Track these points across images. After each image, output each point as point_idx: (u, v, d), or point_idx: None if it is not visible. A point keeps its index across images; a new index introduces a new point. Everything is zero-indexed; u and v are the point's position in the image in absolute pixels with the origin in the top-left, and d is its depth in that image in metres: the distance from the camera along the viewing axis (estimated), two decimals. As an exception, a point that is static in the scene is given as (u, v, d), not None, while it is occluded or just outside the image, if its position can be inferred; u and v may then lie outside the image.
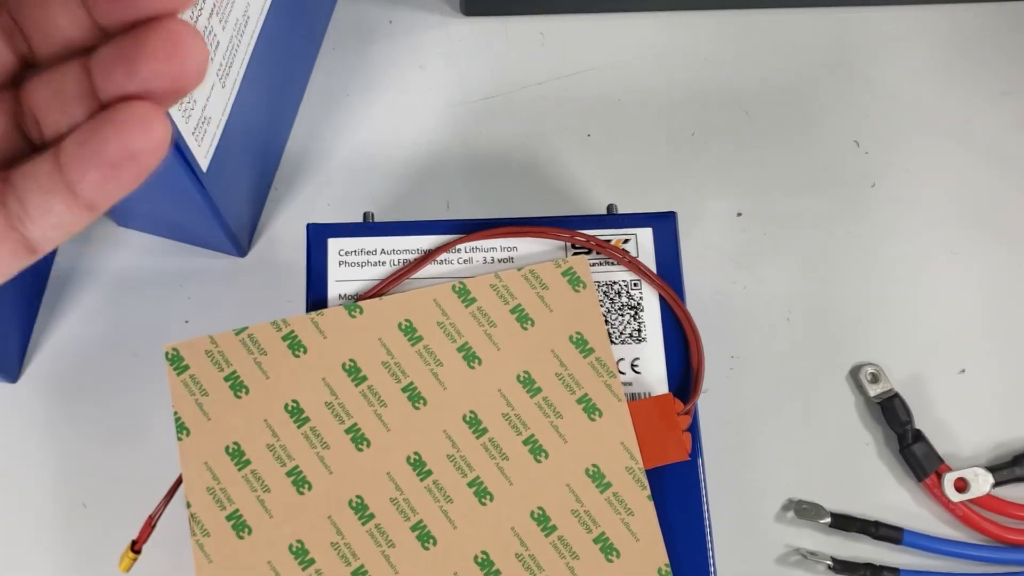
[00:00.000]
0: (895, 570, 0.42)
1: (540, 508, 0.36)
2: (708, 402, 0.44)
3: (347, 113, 0.51)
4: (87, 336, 0.46)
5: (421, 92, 0.51)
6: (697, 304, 0.41)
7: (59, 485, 0.44)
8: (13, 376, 0.45)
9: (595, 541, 0.36)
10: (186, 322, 0.46)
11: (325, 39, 0.52)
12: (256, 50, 0.40)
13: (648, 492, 0.36)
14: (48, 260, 0.47)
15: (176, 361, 0.38)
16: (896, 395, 0.45)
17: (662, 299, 0.39)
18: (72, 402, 0.45)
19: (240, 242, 0.46)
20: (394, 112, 0.51)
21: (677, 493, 0.37)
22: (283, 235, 0.48)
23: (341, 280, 0.40)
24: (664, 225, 0.40)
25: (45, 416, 0.45)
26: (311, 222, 0.40)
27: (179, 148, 0.35)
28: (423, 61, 0.52)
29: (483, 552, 0.36)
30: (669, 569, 0.36)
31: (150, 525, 0.38)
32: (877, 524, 0.43)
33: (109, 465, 0.44)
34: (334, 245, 0.40)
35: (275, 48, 0.43)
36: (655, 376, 0.39)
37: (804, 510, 0.44)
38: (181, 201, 0.40)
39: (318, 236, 0.40)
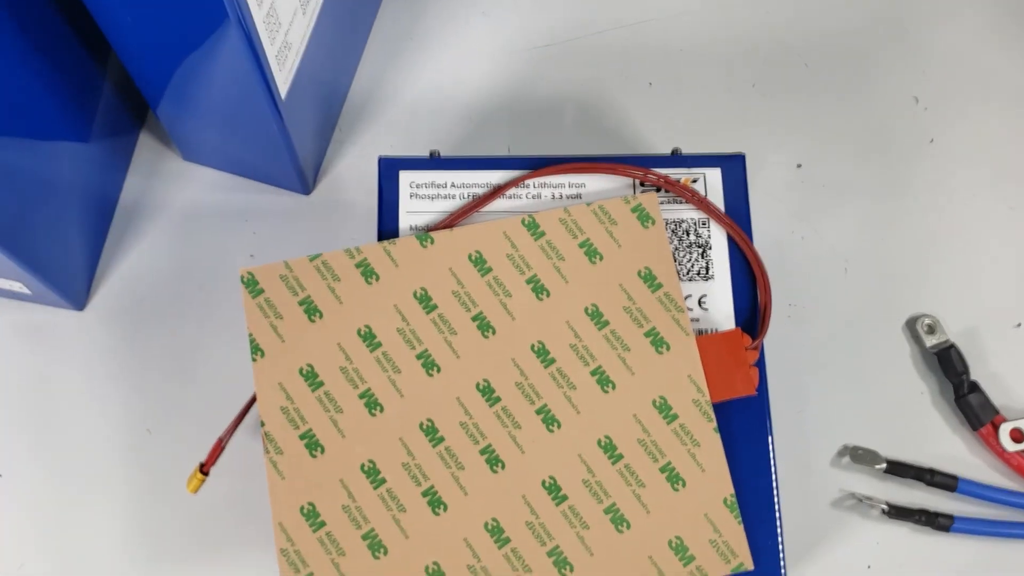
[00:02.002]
0: (950, 516, 0.43)
1: (607, 437, 0.37)
2: (766, 349, 0.44)
3: (410, 58, 0.51)
4: (152, 267, 0.47)
5: (483, 38, 0.52)
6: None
7: (124, 410, 0.45)
8: (80, 304, 0.46)
9: (661, 470, 0.36)
10: (251, 256, 0.47)
11: (389, -16, 0.53)
12: (332, -17, 0.41)
13: (715, 425, 0.37)
14: (114, 193, 0.48)
15: (251, 284, 0.38)
16: (952, 346, 0.45)
17: (730, 238, 0.40)
18: (137, 331, 0.46)
19: (306, 179, 0.47)
20: (456, 57, 0.51)
21: (743, 427, 0.37)
22: (346, 175, 0.49)
23: (412, 212, 0.40)
24: (732, 166, 0.41)
25: (110, 343, 0.46)
26: (383, 155, 0.41)
27: (263, 72, 0.36)
28: (486, 8, 0.52)
29: (551, 477, 0.36)
30: (735, 499, 0.36)
31: (220, 447, 0.39)
32: (932, 471, 0.44)
33: (172, 393, 0.45)
34: (405, 178, 0.41)
35: (347, -15, 0.44)
36: (722, 313, 0.39)
37: (860, 456, 0.44)
38: (257, 130, 0.41)
39: (390, 169, 0.41)
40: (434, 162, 0.41)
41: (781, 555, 0.36)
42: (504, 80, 0.51)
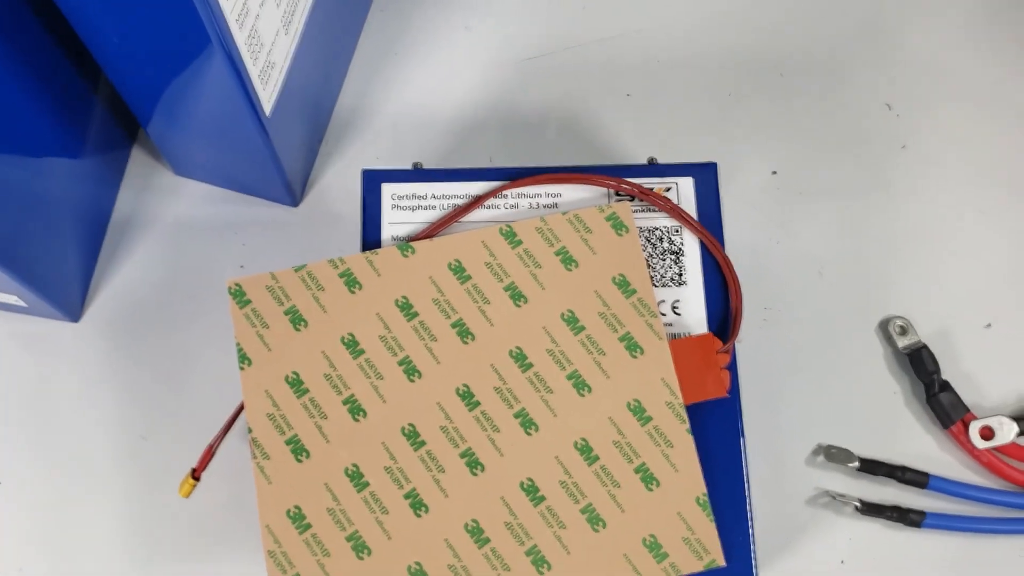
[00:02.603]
0: (921, 512, 0.44)
1: (583, 439, 0.38)
2: (741, 352, 0.45)
3: (395, 72, 0.53)
4: (145, 279, 0.48)
5: (466, 52, 0.53)
6: (732, 257, 0.43)
7: (119, 418, 0.46)
8: (75, 316, 0.48)
9: (636, 471, 0.38)
10: (241, 267, 0.48)
11: (374, 0, 0.54)
12: (316, 2, 0.42)
13: (687, 426, 0.38)
14: (108, 207, 0.50)
15: (239, 295, 0.39)
16: (924, 346, 0.47)
17: (702, 245, 0.41)
18: (131, 341, 0.48)
19: (294, 191, 0.48)
20: (440, 71, 0.53)
21: (716, 429, 0.39)
22: (333, 187, 0.50)
23: (394, 223, 0.41)
24: (705, 175, 0.42)
25: (105, 353, 0.47)
26: (366, 168, 0.42)
27: (246, 91, 0.37)
28: (469, 22, 0.54)
29: (528, 479, 0.37)
30: (707, 498, 0.37)
31: (210, 452, 0.40)
32: (904, 469, 0.45)
33: (166, 400, 0.47)
34: (387, 190, 0.42)
35: (331, 3, 0.45)
36: (695, 318, 0.40)
37: (833, 454, 0.45)
38: (244, 145, 0.42)
39: (372, 181, 0.42)
40: (415, 173, 0.42)
41: (753, 552, 0.38)
42: (487, 93, 0.52)
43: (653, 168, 0.42)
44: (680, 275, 0.41)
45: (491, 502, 0.37)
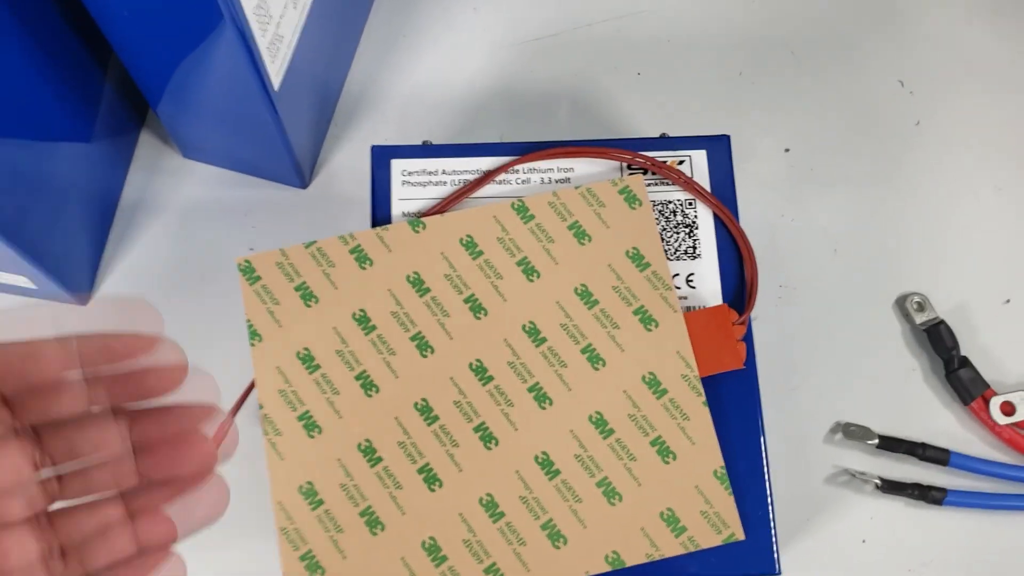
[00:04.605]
0: (942, 490, 0.43)
1: (598, 413, 0.37)
2: (758, 329, 0.45)
3: (403, 54, 0.52)
4: (154, 261, 0.48)
5: (474, 33, 0.53)
6: (747, 235, 0.43)
7: (130, 401, 0.46)
8: (84, 298, 0.47)
9: (652, 444, 0.37)
10: (250, 248, 0.48)
11: (381, -18, 0.54)
12: (323, -21, 0.42)
13: (703, 399, 0.37)
14: (116, 190, 0.49)
15: (248, 272, 0.39)
16: (942, 322, 0.46)
17: (716, 218, 0.40)
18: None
19: (302, 172, 0.48)
20: (448, 53, 0.52)
21: (734, 401, 0.38)
22: (342, 169, 0.50)
23: (404, 199, 0.41)
24: (717, 147, 0.42)
25: (115, 338, 0.47)
26: (376, 144, 0.42)
27: (254, 62, 0.37)
28: (476, 4, 0.53)
29: (543, 453, 0.37)
30: (725, 471, 0.37)
31: (222, 431, 0.39)
32: (924, 446, 0.44)
33: (177, 384, 0.46)
34: (397, 166, 0.42)
35: (338, -18, 0.45)
36: (709, 291, 0.40)
37: (852, 432, 0.44)
38: (252, 121, 0.42)
39: (382, 157, 0.42)
40: (425, 149, 0.42)
41: (772, 525, 0.37)
42: (496, 73, 0.52)
43: (665, 141, 0.42)
44: (694, 248, 0.40)
45: (506, 476, 0.37)
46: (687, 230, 0.40)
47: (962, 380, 0.45)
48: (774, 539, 0.37)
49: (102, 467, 0.27)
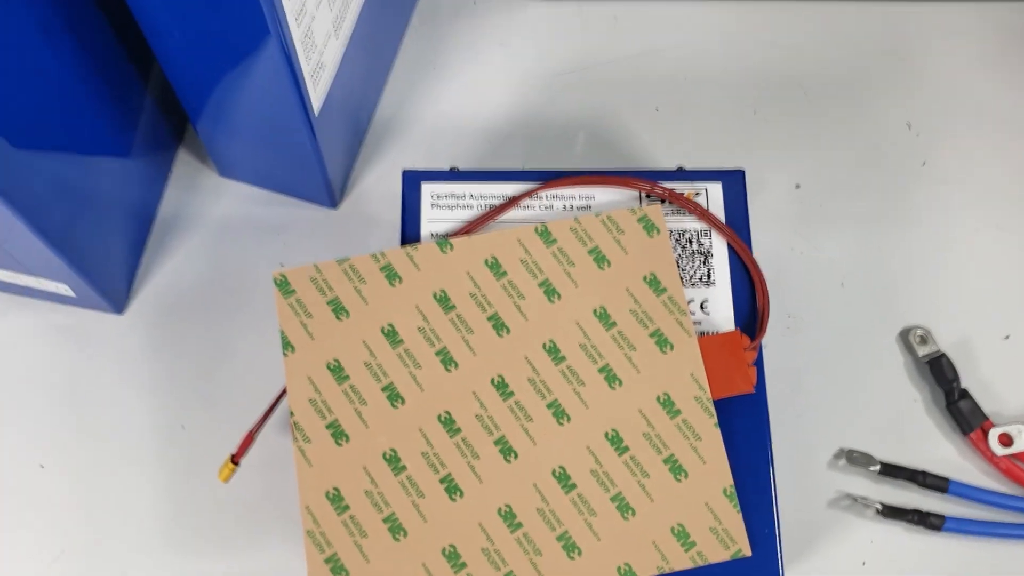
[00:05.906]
0: (941, 516, 0.45)
1: (614, 430, 0.39)
2: (765, 357, 0.47)
3: (432, 84, 0.55)
4: (188, 275, 0.50)
5: (501, 67, 0.55)
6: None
7: (160, 407, 0.48)
8: (120, 307, 0.49)
9: (664, 462, 0.39)
10: (280, 265, 0.50)
11: (414, 14, 0.56)
12: (363, 11, 0.44)
13: (715, 420, 0.39)
14: (154, 205, 0.51)
15: (283, 286, 0.41)
16: (943, 355, 0.48)
17: (730, 247, 0.42)
18: (172, 333, 0.49)
19: (334, 193, 0.50)
20: (476, 84, 0.55)
21: (744, 423, 0.40)
22: (372, 192, 0.52)
23: (433, 220, 0.43)
24: (733, 181, 0.44)
25: (147, 344, 0.49)
26: (407, 169, 0.44)
27: (298, 87, 0.39)
28: (504, 39, 0.56)
29: (560, 467, 0.39)
30: (734, 490, 0.38)
31: (250, 438, 0.41)
32: (924, 474, 0.46)
33: (204, 391, 0.48)
34: (427, 189, 0.44)
35: (376, 14, 0.47)
36: (723, 316, 0.42)
37: (855, 458, 0.46)
38: (290, 143, 0.44)
39: (413, 181, 0.44)
40: (454, 175, 0.44)
41: (778, 542, 0.38)
42: (520, 105, 0.54)
43: (683, 174, 0.44)
44: (709, 276, 0.42)
45: (524, 488, 0.38)
46: (702, 258, 0.42)
47: (962, 411, 0.47)
48: (779, 556, 0.38)
49: None
